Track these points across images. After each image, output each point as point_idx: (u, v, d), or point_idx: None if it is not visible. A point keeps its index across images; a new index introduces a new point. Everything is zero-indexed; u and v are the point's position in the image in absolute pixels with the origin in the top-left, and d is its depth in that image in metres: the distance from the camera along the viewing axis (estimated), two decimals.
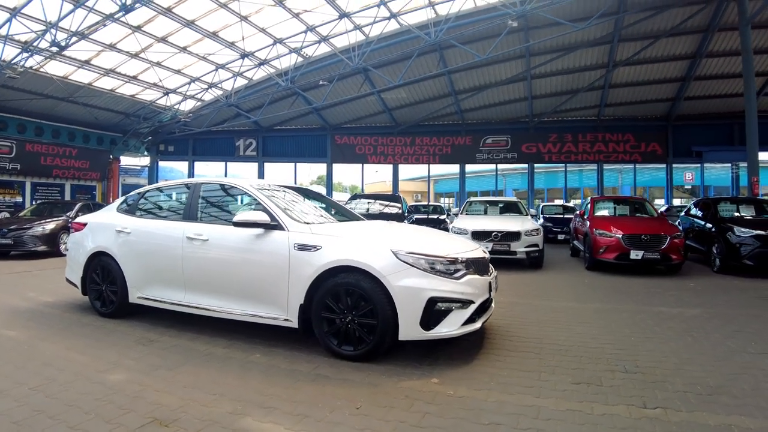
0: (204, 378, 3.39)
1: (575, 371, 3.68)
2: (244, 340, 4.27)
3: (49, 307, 5.61)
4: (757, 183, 12.44)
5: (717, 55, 16.57)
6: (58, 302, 5.89)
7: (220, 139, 22.75)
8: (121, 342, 4.21)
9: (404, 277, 3.59)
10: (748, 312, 5.87)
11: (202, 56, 15.91)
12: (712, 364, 3.89)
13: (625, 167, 24.61)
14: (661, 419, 2.87)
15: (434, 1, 14.53)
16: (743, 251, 8.63)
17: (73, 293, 6.18)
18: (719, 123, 19.93)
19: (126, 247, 4.87)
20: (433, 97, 20.52)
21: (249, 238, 4.15)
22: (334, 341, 3.78)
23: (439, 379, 3.45)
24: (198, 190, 4.78)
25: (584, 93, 19.42)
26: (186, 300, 4.46)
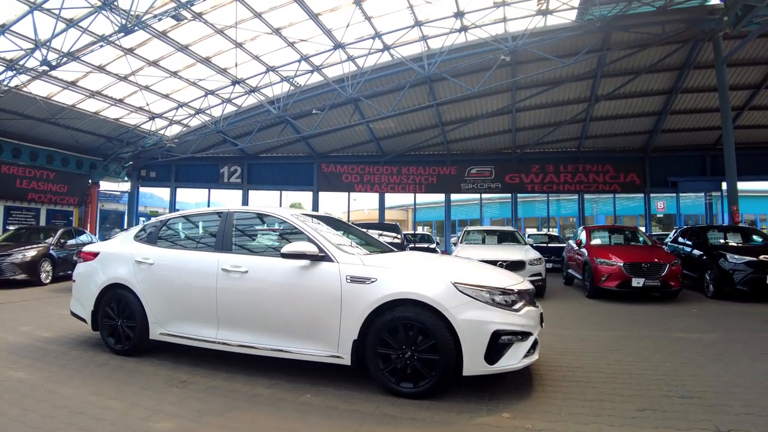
0: (263, 423, 3.14)
1: (633, 398, 3.67)
2: (285, 379, 3.99)
3: (51, 344, 5.17)
4: (737, 212, 12.95)
5: (691, 90, 17.48)
6: (59, 338, 5.47)
7: (204, 166, 22.36)
8: (151, 384, 3.86)
9: (467, 309, 3.50)
10: (762, 336, 6.03)
11: (192, 81, 15.78)
12: (757, 386, 3.97)
13: (601, 197, 25.37)
14: None
15: (427, 35, 14.91)
16: (736, 277, 8.89)
17: (72, 327, 5.83)
18: (692, 154, 20.86)
19: (148, 279, 4.54)
20: (421, 127, 20.83)
21: (295, 271, 3.93)
22: (391, 378, 3.59)
23: (510, 413, 3.35)
24: (231, 218, 4.50)
25: (566, 125, 20.07)
26: (219, 337, 4.15)
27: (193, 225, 5.12)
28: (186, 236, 5.02)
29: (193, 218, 5.20)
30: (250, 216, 4.76)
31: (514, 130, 20.68)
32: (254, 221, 4.76)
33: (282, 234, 4.54)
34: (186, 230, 5.08)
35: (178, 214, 5.19)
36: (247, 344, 4.04)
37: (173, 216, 5.15)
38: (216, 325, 4.18)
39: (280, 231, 4.61)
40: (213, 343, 4.20)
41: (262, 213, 4.75)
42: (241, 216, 4.63)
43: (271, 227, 4.72)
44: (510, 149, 22.12)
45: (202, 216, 5.22)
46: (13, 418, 3.12)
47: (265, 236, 4.66)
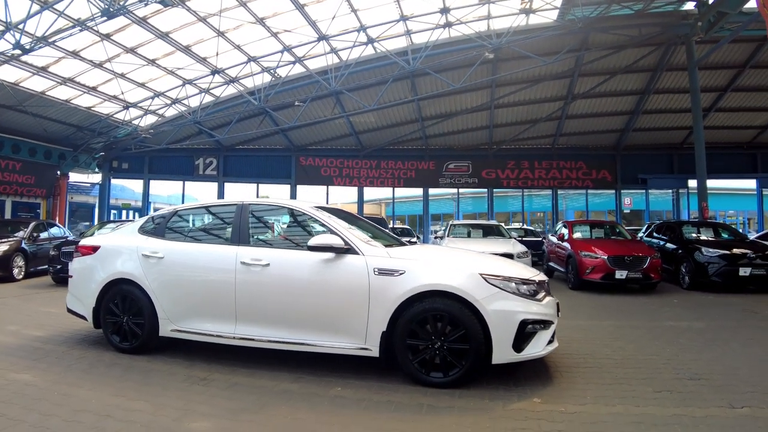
0: (304, 419, 3.09)
1: (647, 381, 3.86)
2: (309, 373, 3.94)
3: (48, 343, 4.87)
4: (706, 208, 13.60)
5: (663, 91, 18.19)
6: (53, 336, 5.17)
7: (179, 158, 21.77)
8: (171, 383, 3.71)
9: (496, 300, 3.59)
10: (745, 323, 6.42)
11: (170, 70, 15.31)
12: (756, 368, 4.27)
13: (569, 193, 26.04)
14: (753, 416, 3.18)
15: (412, 29, 14.96)
16: (711, 270, 9.35)
17: (65, 325, 5.59)
18: (661, 153, 21.73)
19: (158, 273, 4.35)
20: (401, 122, 20.91)
21: (320, 264, 3.89)
22: (421, 369, 3.63)
23: (540, 398, 3.46)
24: (246, 211, 4.36)
25: (543, 123, 20.55)
26: (238, 332, 4.05)
27: (204, 217, 4.99)
28: (197, 229, 4.89)
29: (203, 211, 5.03)
30: (266, 208, 4.68)
31: (492, 127, 21.03)
32: (271, 214, 4.69)
33: (301, 227, 4.50)
34: (197, 223, 4.94)
35: (187, 206, 4.94)
36: (271, 339, 3.97)
37: (182, 208, 4.88)
38: (234, 321, 4.08)
39: (300, 224, 4.57)
40: (231, 339, 4.09)
41: (280, 205, 4.70)
42: (257, 208, 4.54)
43: (289, 220, 4.66)
44: (487, 145, 22.49)
45: (214, 208, 5.07)
46: (34, 424, 2.93)
47: (287, 229, 4.60)
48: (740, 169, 20.60)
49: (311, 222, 4.38)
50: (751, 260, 9.19)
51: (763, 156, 20.72)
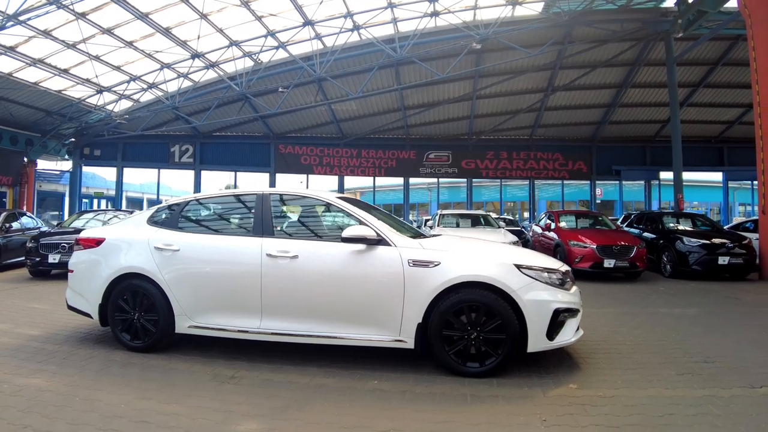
0: (353, 414, 3.04)
1: (667, 365, 4.03)
2: (338, 367, 3.87)
3: (48, 343, 4.54)
4: (682, 199, 14.15)
5: (639, 86, 18.72)
6: (52, 335, 4.83)
7: (154, 144, 21.03)
8: (199, 383, 3.54)
9: (531, 290, 3.65)
10: (733, 309, 6.75)
11: (148, 53, 14.71)
12: (758, 350, 4.54)
13: (541, 184, 26.50)
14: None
15: (398, 17, 14.84)
16: (691, 259, 9.73)
17: (60, 322, 5.30)
18: (635, 145, 22.43)
19: (173, 267, 4.16)
20: (383, 111, 20.82)
21: (352, 255, 3.83)
22: (457, 359, 3.65)
23: (575, 384, 3.55)
24: (268, 201, 4.23)
25: (522, 114, 20.84)
26: (264, 326, 3.93)
27: (219, 208, 4.78)
28: (213, 220, 4.70)
29: (220, 200, 4.85)
30: (288, 198, 4.53)
31: (473, 117, 21.20)
32: (294, 204, 4.56)
33: (327, 217, 4.42)
34: (212, 213, 4.73)
35: (201, 196, 4.72)
36: (300, 333, 3.88)
37: (194, 198, 4.66)
38: (259, 315, 3.95)
39: (325, 214, 4.48)
40: (256, 334, 3.96)
41: (303, 195, 4.57)
42: (278, 198, 4.41)
43: (313, 210, 4.56)
44: (467, 135, 22.69)
45: (231, 198, 4.90)
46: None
47: (309, 219, 4.50)
48: (708, 162, 21.49)
49: (337, 212, 4.31)
50: (729, 250, 9.62)
51: (729, 150, 21.67)
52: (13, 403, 3.15)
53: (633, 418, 3.01)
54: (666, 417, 3.02)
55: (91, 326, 5.04)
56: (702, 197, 29.03)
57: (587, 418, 3.00)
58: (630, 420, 2.97)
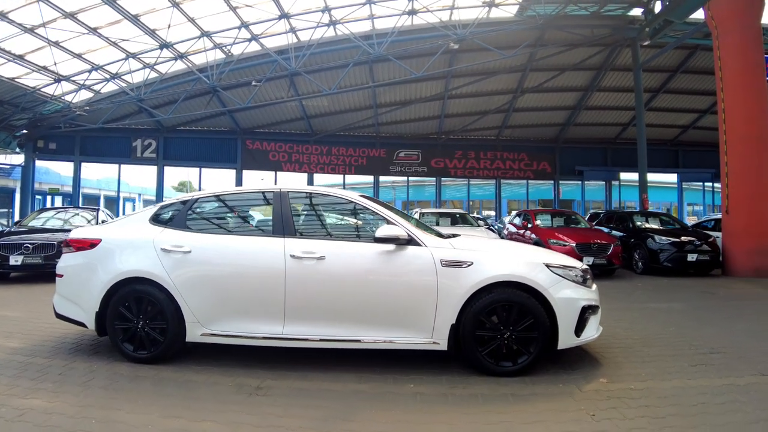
0: (407, 419, 2.95)
1: (679, 357, 4.22)
2: (369, 371, 3.75)
3: (34, 356, 4.06)
4: (646, 199, 14.83)
5: (604, 89, 19.47)
6: (36, 347, 4.33)
7: (115, 138, 19.87)
8: (225, 396, 3.29)
9: (561, 289, 3.69)
10: (713, 303, 7.15)
11: (113, 41, 13.90)
12: (754, 339, 4.83)
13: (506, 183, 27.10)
14: None
15: (376, 14, 14.74)
16: (662, 256, 10.22)
17: (41, 332, 4.85)
18: (596, 147, 23.30)
19: (184, 270, 3.86)
20: (354, 108, 20.64)
21: (382, 256, 3.72)
22: (490, 359, 3.63)
23: (605, 378, 3.63)
24: (287, 199, 4.01)
25: (491, 115, 21.22)
26: (287, 332, 3.72)
27: (231, 206, 4.48)
28: (226, 219, 4.42)
29: (232, 198, 4.50)
30: (308, 196, 4.35)
31: (443, 117, 21.39)
32: (314, 202, 4.38)
33: (351, 216, 4.28)
34: (223, 212, 4.45)
35: (209, 193, 4.38)
36: (327, 337, 3.71)
37: (202, 195, 4.34)
38: (282, 320, 3.74)
39: (348, 213, 4.34)
40: (279, 340, 3.76)
41: (323, 193, 4.39)
42: (297, 196, 4.21)
43: (334, 209, 4.41)
44: (436, 135, 22.87)
45: (244, 196, 4.63)
46: None
47: (332, 219, 4.34)
48: (664, 164, 22.63)
49: (361, 211, 4.18)
50: (696, 247, 10.16)
51: (684, 153, 22.95)
52: (19, 430, 2.76)
53: (671, 408, 3.12)
54: (700, 406, 3.15)
55: (79, 335, 4.68)
56: (657, 197, 30.60)
57: (631, 410, 3.07)
58: (670, 410, 3.08)
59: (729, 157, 10.31)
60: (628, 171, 23.08)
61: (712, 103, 20.14)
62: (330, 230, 4.30)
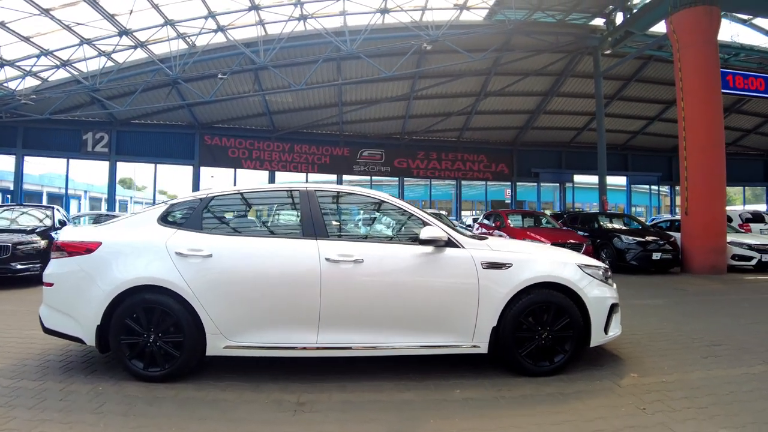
0: (475, 427, 2.89)
1: (688, 350, 4.46)
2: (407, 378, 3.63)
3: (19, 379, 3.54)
4: (606, 201, 15.60)
5: (562, 95, 20.31)
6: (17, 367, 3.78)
7: (63, 131, 18.44)
8: (269, 416, 3.00)
9: (593, 288, 3.79)
10: (690, 299, 7.59)
11: (67, 25, 12.89)
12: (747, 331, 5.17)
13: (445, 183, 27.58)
14: None
15: (348, 11, 14.59)
16: (629, 255, 10.78)
17: (19, 348, 4.27)
18: (552, 150, 24.30)
19: (204, 276, 3.51)
20: (319, 105, 20.36)
21: (422, 258, 3.62)
22: (529, 360, 3.65)
23: (636, 374, 3.76)
24: (315, 198, 3.78)
25: (454, 117, 21.59)
26: (322, 340, 3.51)
27: (251, 206, 4.20)
28: (247, 219, 4.14)
29: (251, 197, 4.18)
30: (336, 195, 4.14)
31: (408, 117, 21.56)
32: (343, 202, 4.21)
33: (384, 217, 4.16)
34: (243, 212, 4.16)
35: (225, 192, 4.04)
36: (366, 345, 3.55)
37: (218, 194, 3.96)
38: (316, 327, 3.51)
39: (382, 213, 4.20)
40: (314, 350, 3.53)
41: (351, 192, 4.19)
42: (325, 195, 3.97)
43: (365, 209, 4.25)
44: (399, 135, 23.00)
45: (265, 194, 4.32)
46: None
47: (364, 219, 4.19)
48: (615, 167, 23.87)
49: (392, 212, 4.07)
50: (660, 246, 10.80)
51: (633, 157, 24.42)
52: None
53: (708, 398, 3.28)
54: (731, 395, 3.34)
55: (64, 351, 4.20)
56: (608, 199, 32.38)
57: (675, 402, 3.20)
58: (708, 400, 3.24)
59: (689, 163, 11.01)
60: (581, 173, 24.30)
61: (660, 111, 21.61)
62: (363, 231, 4.15)
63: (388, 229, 4.13)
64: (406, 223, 4.01)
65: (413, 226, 3.89)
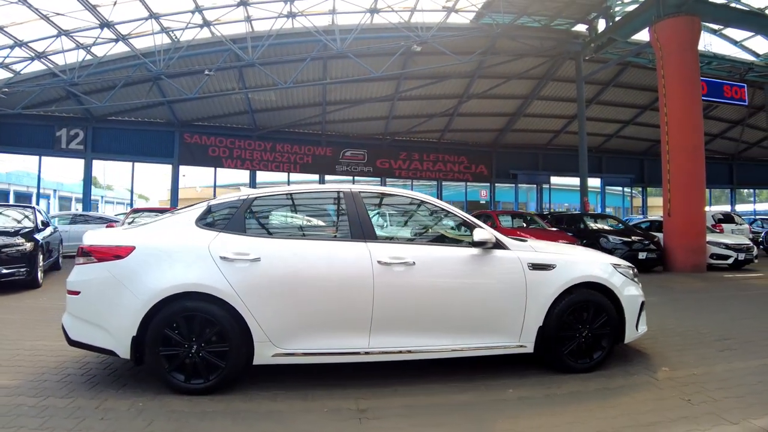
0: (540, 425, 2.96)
1: (701, 344, 4.71)
2: (453, 379, 3.66)
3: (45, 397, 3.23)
4: (587, 202, 16.07)
5: (543, 98, 20.78)
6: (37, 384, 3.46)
7: (35, 126, 17.54)
8: (335, 425, 2.92)
9: (626, 286, 3.96)
10: (678, 296, 7.97)
11: (44, 14, 12.35)
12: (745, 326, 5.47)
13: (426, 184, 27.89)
14: None
15: (337, 9, 14.54)
16: (616, 255, 11.02)
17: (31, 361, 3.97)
18: (529, 152, 24.81)
19: (252, 281, 3.36)
20: (303, 104, 20.16)
21: (472, 260, 3.66)
22: (571, 358, 3.76)
23: (667, 367, 3.95)
24: (360, 200, 3.72)
25: (437, 118, 21.78)
26: (374, 345, 3.46)
27: (294, 207, 4.07)
28: (291, 221, 4.07)
29: (295, 198, 4.04)
30: (379, 197, 4.14)
31: (391, 118, 21.61)
32: (387, 204, 4.20)
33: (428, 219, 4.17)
34: (287, 214, 4.08)
35: (267, 193, 3.91)
36: (417, 348, 3.53)
37: (260, 194, 3.84)
38: (368, 332, 3.46)
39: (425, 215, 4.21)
40: (364, 355, 3.48)
41: (395, 194, 4.19)
42: (369, 197, 3.94)
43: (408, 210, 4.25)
44: (382, 135, 23.02)
45: (308, 195, 4.17)
46: None
47: (410, 221, 4.19)
48: (590, 169, 24.26)
49: (437, 213, 4.09)
50: (645, 246, 11.23)
51: (607, 160, 25.22)
52: None
53: (741, 389, 3.46)
54: (759, 385, 3.54)
55: (81, 363, 3.93)
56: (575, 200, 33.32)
57: (713, 393, 3.37)
58: (742, 390, 3.43)
59: (671, 166, 11.48)
60: (558, 175, 24.93)
61: (635, 115, 22.42)
62: (409, 233, 4.14)
63: (433, 230, 4.14)
64: (450, 225, 4.05)
65: (457, 228, 3.94)
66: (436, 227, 4.17)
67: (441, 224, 4.10)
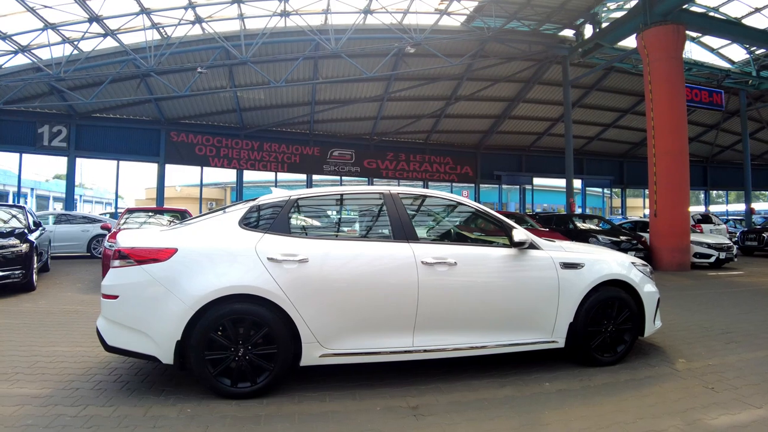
0: (588, 415, 3.08)
1: (707, 338, 4.95)
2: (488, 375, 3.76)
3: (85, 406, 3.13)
4: (573, 203, 16.49)
5: (528, 101, 21.21)
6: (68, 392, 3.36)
7: (16, 123, 17.00)
8: (395, 424, 2.94)
9: (645, 283, 4.20)
10: (672, 294, 8.19)
11: (31, 6, 12.01)
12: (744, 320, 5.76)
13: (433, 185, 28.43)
14: None
15: (332, 9, 14.57)
16: None
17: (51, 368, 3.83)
18: (513, 154, 25.30)
19: (301, 282, 3.35)
20: (291, 103, 20.11)
21: (509, 260, 3.80)
22: (598, 352, 3.95)
23: (683, 359, 4.19)
24: (399, 201, 3.78)
25: (424, 119, 22.01)
26: (417, 344, 3.53)
27: (336, 207, 4.13)
28: (334, 222, 4.10)
29: (336, 199, 4.10)
30: (417, 198, 4.21)
31: (379, 118, 21.73)
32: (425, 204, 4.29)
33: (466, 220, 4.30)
34: (330, 214, 4.12)
35: (308, 193, 3.89)
36: (456, 346, 3.64)
37: (303, 195, 3.82)
38: (411, 331, 3.53)
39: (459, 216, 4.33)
40: (408, 354, 3.54)
41: (431, 195, 4.27)
42: (407, 198, 3.99)
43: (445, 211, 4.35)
44: (370, 135, 23.13)
45: (349, 196, 4.19)
46: None
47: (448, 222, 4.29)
48: None
49: (473, 214, 4.22)
50: (633, 245, 11.63)
51: (587, 161, 25.90)
52: None
53: (756, 377, 3.71)
54: None
55: (108, 368, 3.85)
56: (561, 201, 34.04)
57: (732, 381, 3.61)
58: (757, 378, 3.68)
59: (657, 168, 11.91)
60: (540, 176, 25.48)
61: (616, 118, 23.07)
62: (449, 234, 4.24)
63: (470, 231, 4.28)
64: (486, 225, 4.18)
65: (494, 229, 4.07)
66: (473, 227, 4.31)
67: (477, 225, 4.23)
